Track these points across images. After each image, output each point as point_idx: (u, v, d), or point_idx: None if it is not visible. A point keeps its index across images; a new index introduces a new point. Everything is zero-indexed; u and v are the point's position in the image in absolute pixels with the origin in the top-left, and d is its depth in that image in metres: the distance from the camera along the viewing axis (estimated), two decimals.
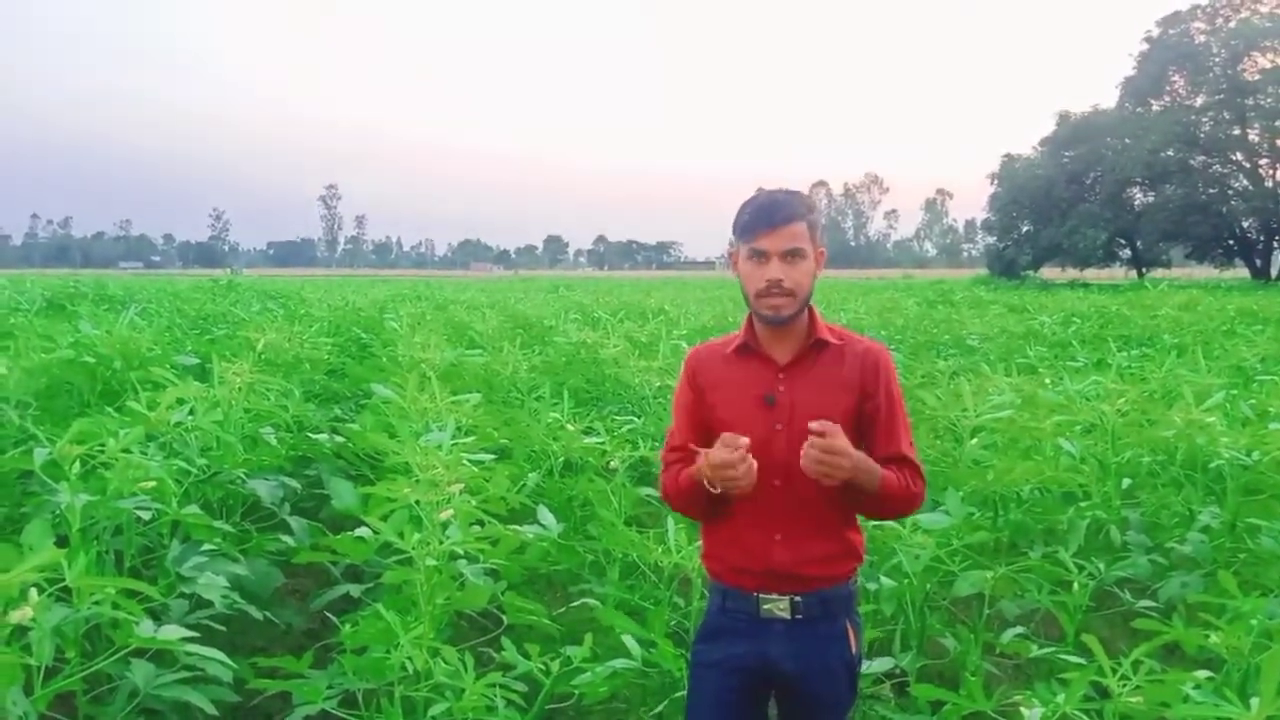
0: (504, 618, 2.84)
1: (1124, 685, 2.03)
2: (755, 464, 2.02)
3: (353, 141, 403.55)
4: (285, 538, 3.54)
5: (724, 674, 2.24)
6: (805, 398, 2.17)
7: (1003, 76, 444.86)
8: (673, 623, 3.15)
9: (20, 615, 1.89)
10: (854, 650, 2.26)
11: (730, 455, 2.00)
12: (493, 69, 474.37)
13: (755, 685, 2.24)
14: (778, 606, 2.19)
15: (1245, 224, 47.56)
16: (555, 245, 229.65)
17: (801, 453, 1.99)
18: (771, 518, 2.18)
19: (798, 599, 2.18)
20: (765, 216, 2.14)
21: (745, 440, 2.00)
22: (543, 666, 2.49)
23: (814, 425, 1.97)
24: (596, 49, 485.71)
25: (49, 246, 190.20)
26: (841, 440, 1.98)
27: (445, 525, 2.51)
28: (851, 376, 2.19)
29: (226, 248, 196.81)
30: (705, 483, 2.09)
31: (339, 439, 4.26)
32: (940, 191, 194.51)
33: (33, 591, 1.99)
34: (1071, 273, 50.79)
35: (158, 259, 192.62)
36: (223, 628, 2.91)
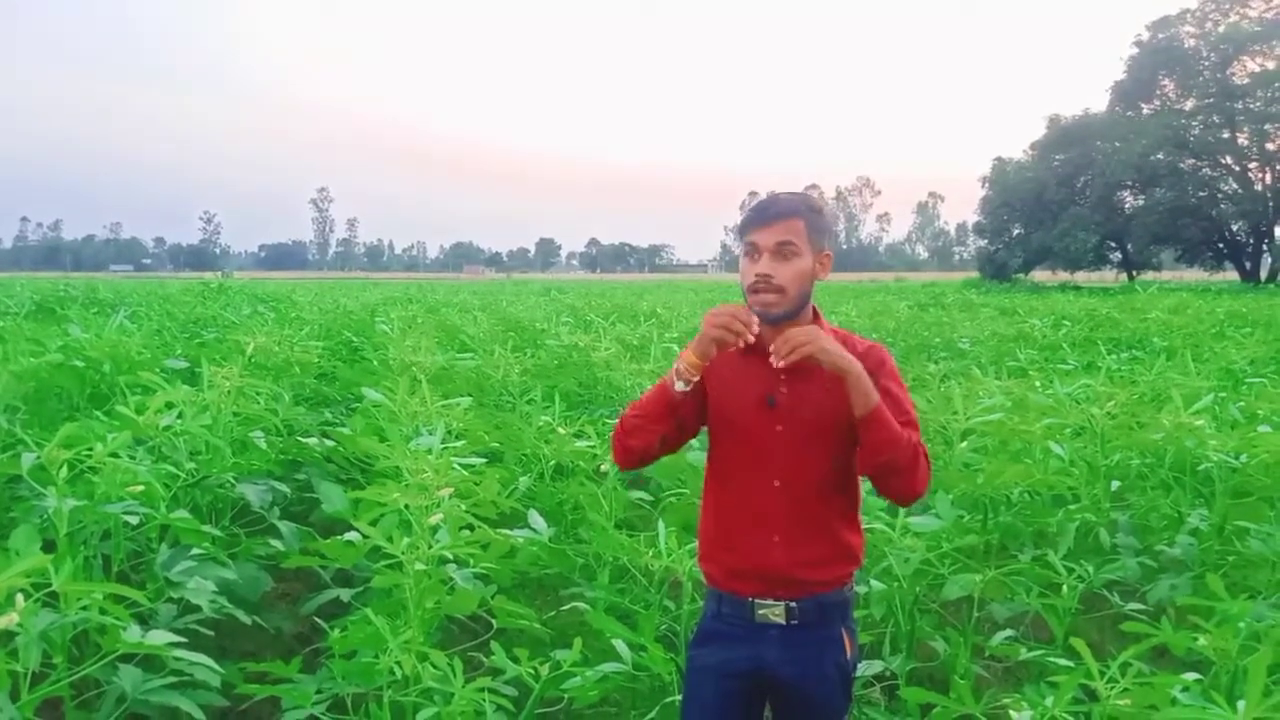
0: (494, 622, 2.83)
1: (1112, 688, 2.04)
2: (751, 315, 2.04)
3: (344, 144, 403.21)
4: (274, 542, 3.53)
5: (719, 679, 2.23)
6: (807, 399, 2.16)
7: (994, 80, 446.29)
8: (663, 626, 3.14)
9: (6, 621, 1.88)
10: (849, 656, 2.26)
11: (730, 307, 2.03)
12: (484, 72, 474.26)
13: (750, 690, 2.24)
14: (773, 612, 2.19)
15: (1235, 227, 47.83)
16: (547, 248, 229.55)
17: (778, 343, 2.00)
18: (770, 519, 2.17)
19: (793, 604, 2.18)
20: (758, 212, 2.15)
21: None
22: (532, 671, 2.48)
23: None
24: (589, 52, 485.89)
25: (39, 249, 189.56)
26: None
27: (435, 529, 2.50)
28: None
29: (218, 250, 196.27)
30: (675, 377, 2.10)
31: (329, 443, 4.25)
32: (932, 194, 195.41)
33: (19, 597, 1.98)
34: (1062, 275, 51.02)
35: (149, 262, 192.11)
36: (211, 632, 2.89)
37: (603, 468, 4.02)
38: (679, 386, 2.10)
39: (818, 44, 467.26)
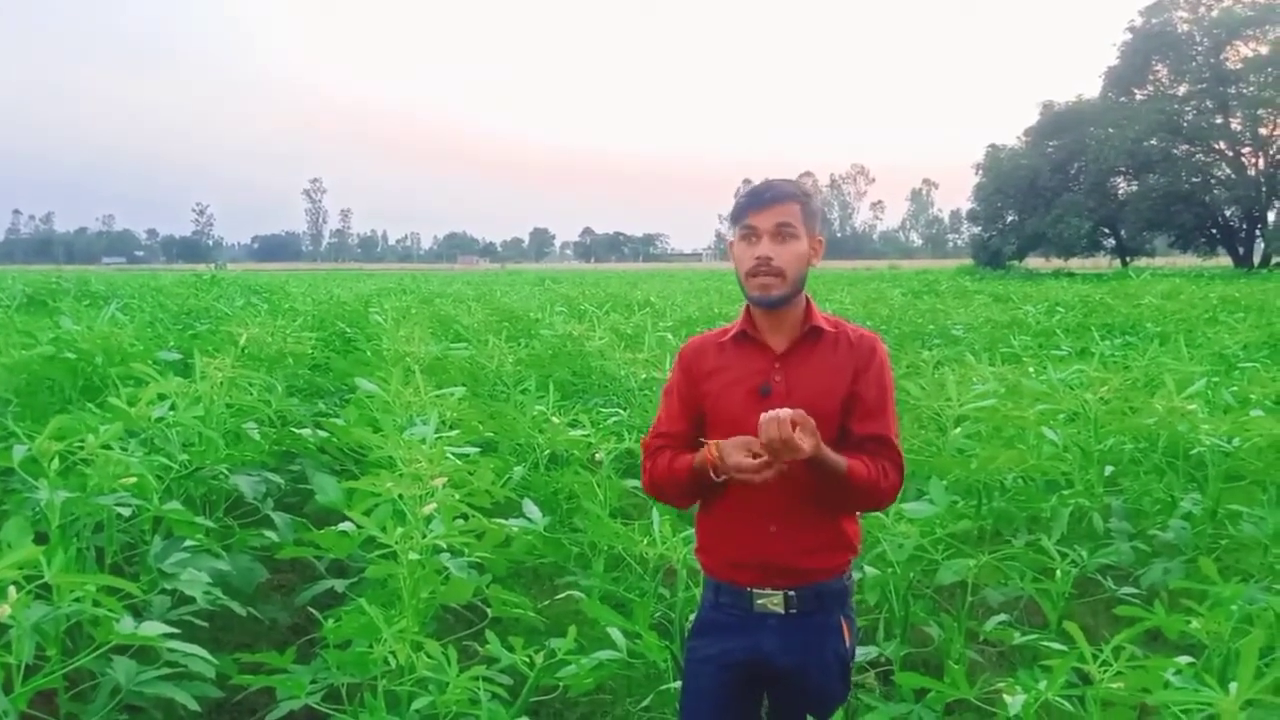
0: (489, 611, 2.83)
1: (1105, 671, 2.04)
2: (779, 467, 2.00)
3: (337, 135, 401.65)
4: (268, 533, 3.52)
5: (718, 669, 2.23)
6: (801, 386, 2.15)
7: (987, 67, 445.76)
8: (657, 614, 3.15)
9: None
10: (848, 645, 2.26)
11: (752, 463, 1.98)
12: (478, 62, 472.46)
13: (749, 680, 2.24)
14: (771, 601, 2.19)
15: (1228, 212, 47.81)
16: (541, 238, 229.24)
17: (764, 417, 1.93)
18: (767, 509, 2.16)
19: (791, 593, 2.18)
20: (755, 196, 2.15)
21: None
22: (527, 659, 2.48)
23: (788, 413, 1.93)
24: (582, 42, 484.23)
25: (31, 242, 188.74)
26: (810, 432, 1.96)
27: (428, 519, 2.50)
28: (845, 363, 2.18)
29: (211, 242, 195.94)
30: (711, 471, 2.07)
31: (323, 434, 4.24)
32: (926, 182, 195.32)
33: (11, 589, 1.97)
34: (1056, 262, 51.00)
35: (141, 254, 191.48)
36: (205, 624, 2.89)
37: (597, 456, 4.02)
38: (719, 479, 2.10)
39: (811, 32, 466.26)
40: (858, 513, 2.31)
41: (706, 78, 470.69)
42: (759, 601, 2.19)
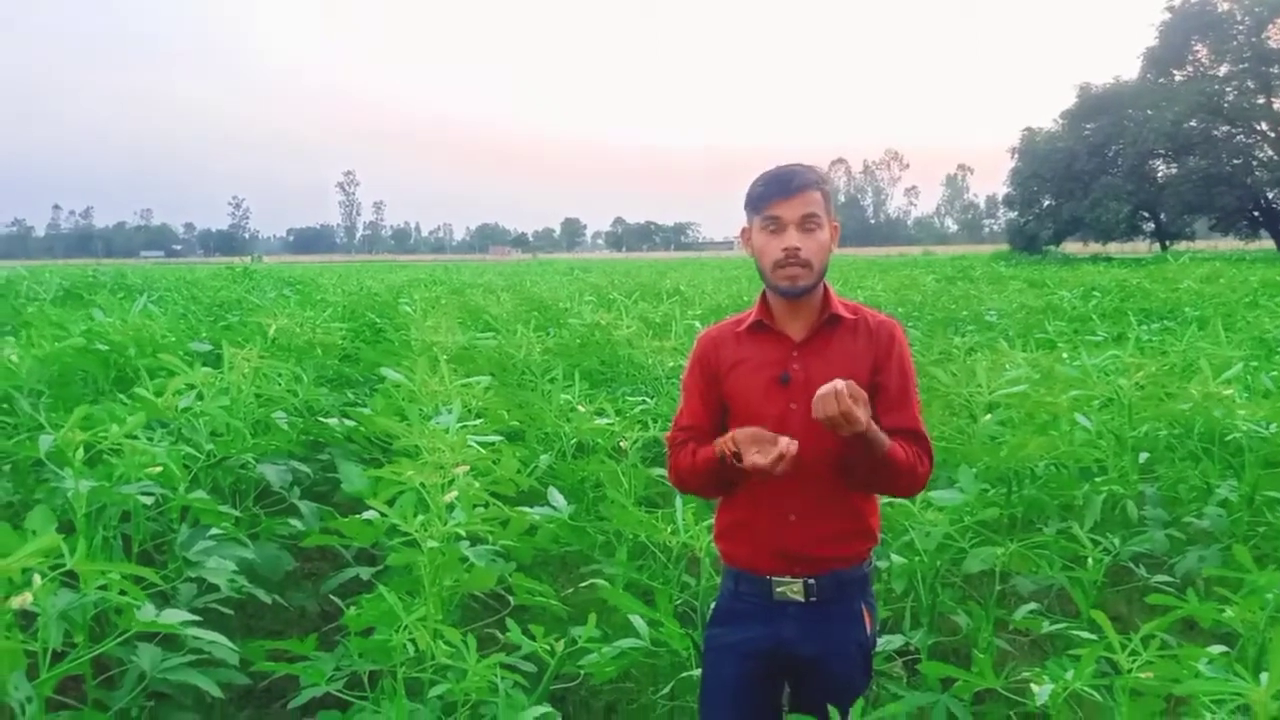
0: (512, 599, 2.83)
1: (1134, 661, 2.00)
2: (794, 451, 1.99)
3: (370, 127, 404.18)
4: (295, 522, 3.54)
5: (738, 658, 2.22)
6: (820, 375, 2.12)
7: (1023, 49, 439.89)
8: (680, 602, 3.13)
9: (20, 600, 1.89)
10: (869, 632, 2.24)
11: (766, 461, 1.97)
12: (508, 53, 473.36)
13: (770, 669, 2.22)
14: (791, 589, 2.17)
15: (1270, 195, 46.87)
16: (573, 228, 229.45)
17: (818, 395, 1.92)
18: (786, 498, 2.15)
19: (811, 581, 2.16)
20: (780, 185, 2.11)
21: (784, 442, 1.98)
22: (548, 647, 2.48)
23: (841, 385, 1.91)
24: (611, 30, 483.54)
25: (71, 237, 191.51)
26: (863, 404, 1.94)
27: (451, 507, 2.50)
28: (865, 351, 2.16)
29: (247, 235, 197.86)
30: (730, 456, 2.06)
31: (350, 423, 4.25)
32: (961, 167, 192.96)
33: (36, 577, 1.99)
34: (1094, 247, 50.29)
35: (179, 248, 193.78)
36: (230, 611, 2.91)
37: (622, 444, 4.01)
38: (740, 464, 2.09)
39: (843, 16, 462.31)
40: (884, 497, 2.29)
41: (737, 65, 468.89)
42: (779, 590, 2.17)
